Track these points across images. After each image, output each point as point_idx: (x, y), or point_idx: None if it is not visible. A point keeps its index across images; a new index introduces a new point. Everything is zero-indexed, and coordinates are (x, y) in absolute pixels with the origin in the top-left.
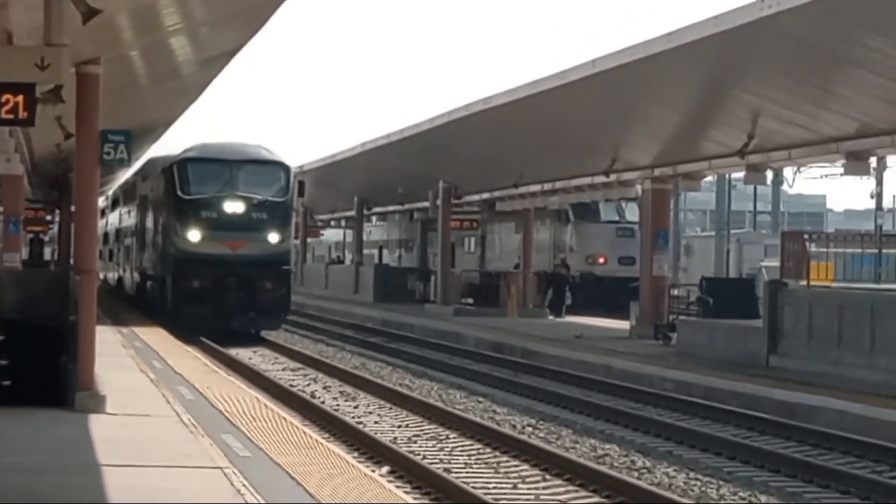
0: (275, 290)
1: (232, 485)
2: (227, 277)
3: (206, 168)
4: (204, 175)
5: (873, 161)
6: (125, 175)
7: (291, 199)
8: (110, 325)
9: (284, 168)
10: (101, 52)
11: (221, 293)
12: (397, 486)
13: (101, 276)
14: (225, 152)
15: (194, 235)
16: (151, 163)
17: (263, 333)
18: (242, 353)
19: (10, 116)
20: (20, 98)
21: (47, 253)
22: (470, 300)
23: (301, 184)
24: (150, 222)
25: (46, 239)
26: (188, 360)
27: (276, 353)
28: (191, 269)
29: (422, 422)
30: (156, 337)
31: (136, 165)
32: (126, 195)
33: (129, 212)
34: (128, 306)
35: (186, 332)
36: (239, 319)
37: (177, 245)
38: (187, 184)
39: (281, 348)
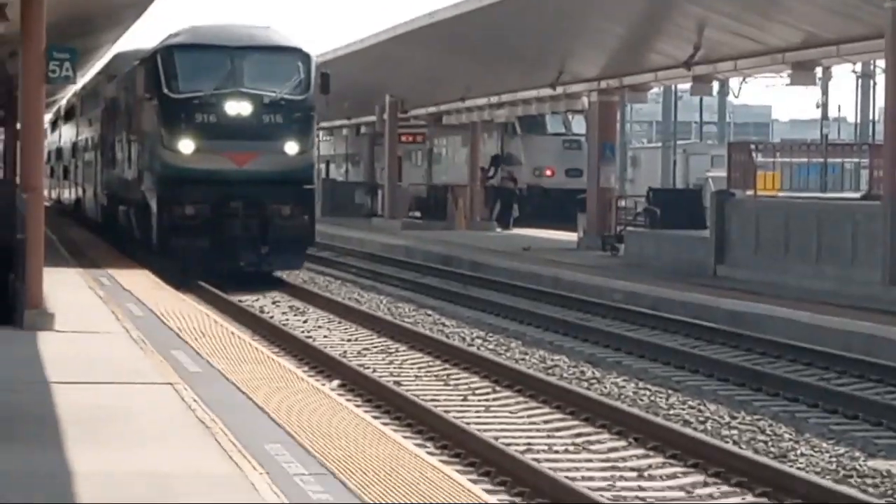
0: (294, 217)
1: (182, 400)
2: (231, 201)
3: (200, 57)
4: (198, 66)
5: (819, 71)
6: (83, 80)
7: (313, 98)
8: (75, 267)
9: (303, 56)
10: None
11: (224, 222)
12: (347, 400)
13: (55, 195)
14: (224, 37)
15: (186, 146)
16: (120, 58)
17: (280, 274)
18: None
19: None
20: None
21: None
22: (417, 214)
23: (325, 77)
24: (122, 131)
25: None
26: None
27: None
28: (183, 191)
29: (371, 335)
30: (142, 283)
31: (97, 66)
32: (85, 102)
33: (89, 121)
34: (93, 237)
35: (178, 274)
36: (248, 256)
37: (163, 159)
38: (175, 78)
39: None
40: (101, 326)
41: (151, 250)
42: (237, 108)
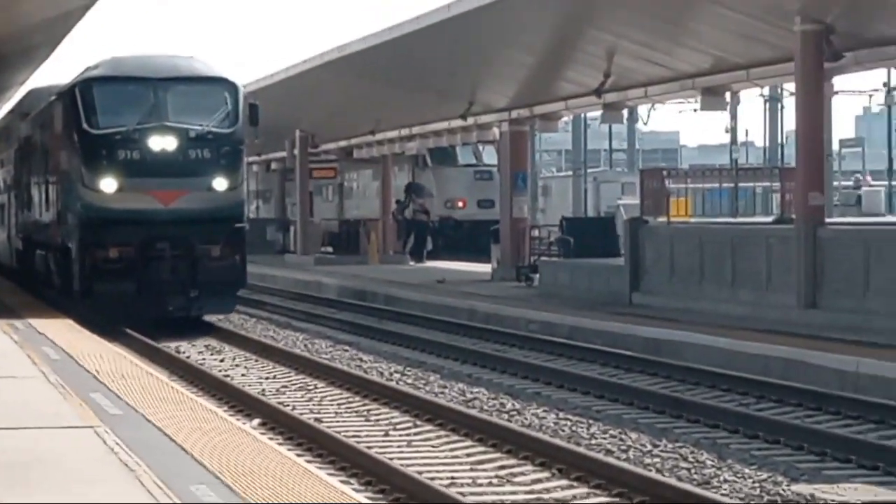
0: (224, 258)
1: (105, 443)
2: (157, 242)
3: (121, 90)
4: (119, 100)
5: (728, 96)
6: None
7: (242, 130)
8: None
9: (230, 86)
10: None
11: (150, 265)
12: (269, 438)
13: None
14: (146, 68)
15: (108, 185)
16: (34, 95)
17: (210, 318)
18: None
19: None
20: None
21: None
22: (330, 249)
23: (253, 108)
24: (38, 171)
25: None
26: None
27: None
28: (106, 233)
29: (289, 373)
30: (71, 337)
31: (7, 105)
32: None
33: (1, 162)
34: (7, 283)
35: (102, 321)
36: (177, 300)
37: (84, 199)
38: (95, 113)
39: None
40: (17, 371)
41: (72, 296)
42: (162, 143)
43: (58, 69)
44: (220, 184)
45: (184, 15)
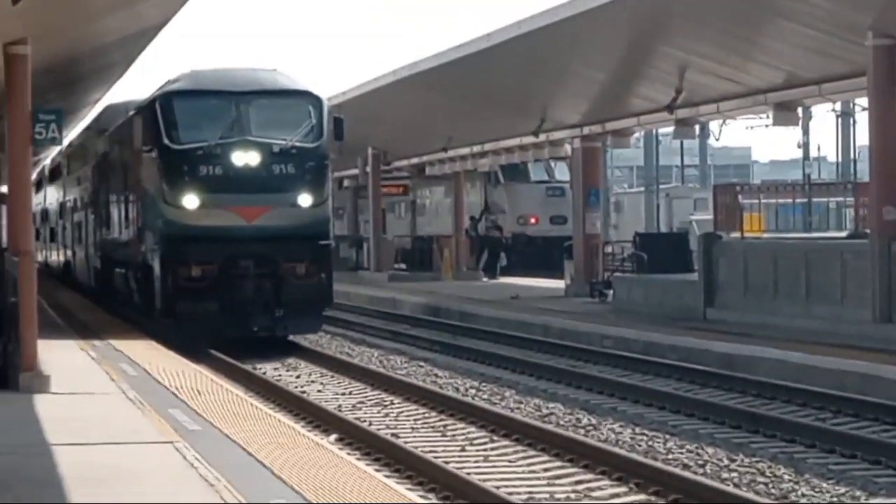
0: (310, 276)
1: (185, 458)
2: (240, 260)
3: (202, 104)
4: (200, 114)
5: (800, 111)
6: (69, 137)
7: (326, 145)
8: (73, 338)
9: (314, 100)
10: (28, 31)
11: (234, 283)
12: (348, 453)
13: (41, 258)
14: (227, 81)
15: (191, 201)
16: (111, 111)
17: (295, 338)
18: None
19: None
20: None
21: None
22: (403, 265)
23: (338, 122)
24: (117, 188)
25: None
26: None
27: None
28: (188, 251)
29: (365, 388)
30: (149, 354)
31: (84, 121)
32: (72, 160)
33: (77, 179)
34: (86, 302)
35: (186, 341)
36: (261, 320)
37: (166, 217)
38: (176, 128)
39: None
40: (96, 388)
41: (153, 316)
42: (244, 158)
43: (133, 85)
44: (304, 200)
45: (257, 30)
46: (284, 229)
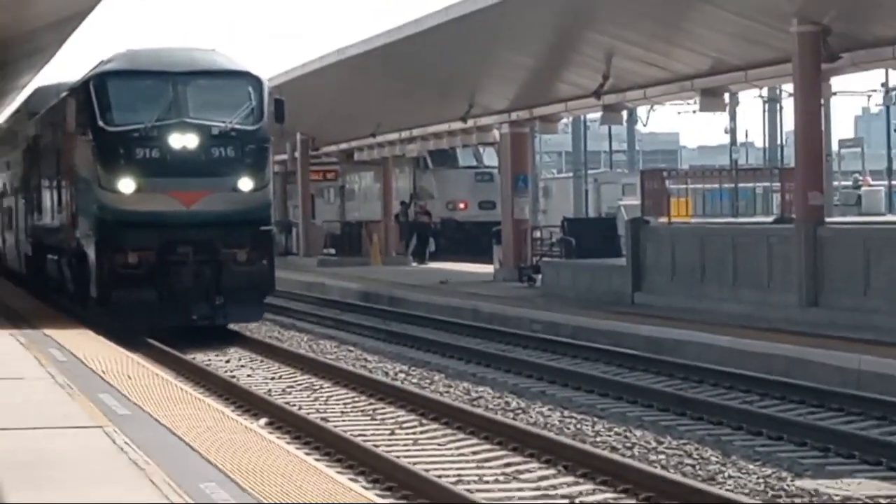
0: (251, 263)
1: (114, 443)
2: (179, 246)
3: (138, 85)
4: (136, 95)
5: (727, 97)
6: None
7: (267, 127)
8: (6, 331)
9: (254, 81)
10: None
11: (172, 270)
12: (277, 437)
13: None
14: (164, 62)
15: (126, 186)
16: (41, 93)
17: (235, 327)
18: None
19: None
20: None
21: None
22: (332, 251)
23: (279, 104)
24: (48, 172)
25: None
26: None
27: None
28: (124, 237)
29: (294, 373)
30: (80, 340)
31: (12, 106)
32: (1, 143)
33: (6, 164)
34: (15, 290)
35: (122, 330)
36: (201, 308)
37: (101, 201)
38: (111, 109)
39: None
40: (25, 372)
41: (88, 304)
42: (182, 140)
43: (64, 69)
44: (245, 184)
45: (177, 13)
46: (224, 214)
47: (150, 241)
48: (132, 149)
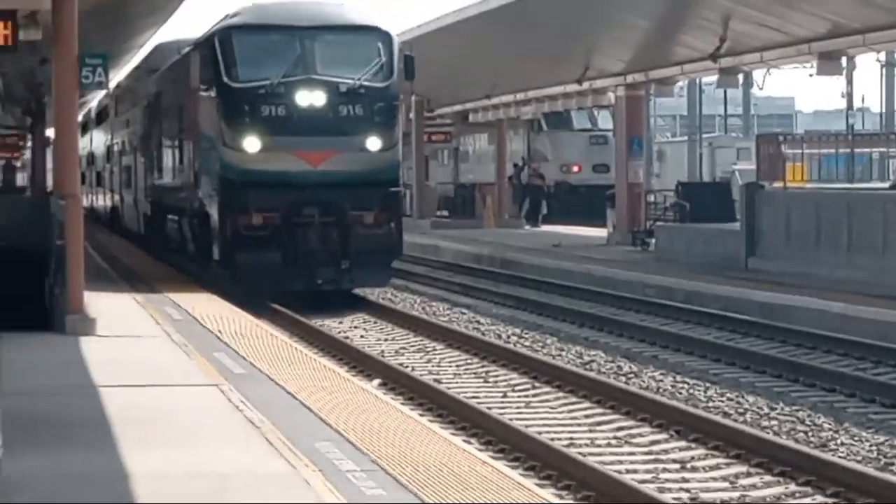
0: (379, 226)
1: (230, 401)
2: (305, 208)
3: (264, 40)
4: (262, 51)
5: (844, 61)
6: (116, 79)
7: (397, 85)
8: (124, 291)
9: (384, 36)
10: None
11: (297, 232)
12: (392, 398)
13: (86, 203)
14: (291, 16)
15: (252, 144)
16: (162, 50)
17: (359, 291)
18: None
19: None
20: (5, 25)
21: (20, 179)
22: (445, 213)
23: (409, 60)
24: (170, 130)
25: (19, 165)
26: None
27: None
28: (249, 197)
29: (407, 334)
30: (213, 308)
31: (131, 63)
32: (120, 102)
33: (126, 122)
34: (134, 250)
35: (246, 294)
36: (326, 272)
37: (225, 160)
38: (236, 65)
39: None
40: (142, 331)
41: (209, 267)
42: (310, 98)
43: (183, 27)
44: (373, 143)
45: None
46: (352, 175)
47: (276, 203)
48: (257, 106)
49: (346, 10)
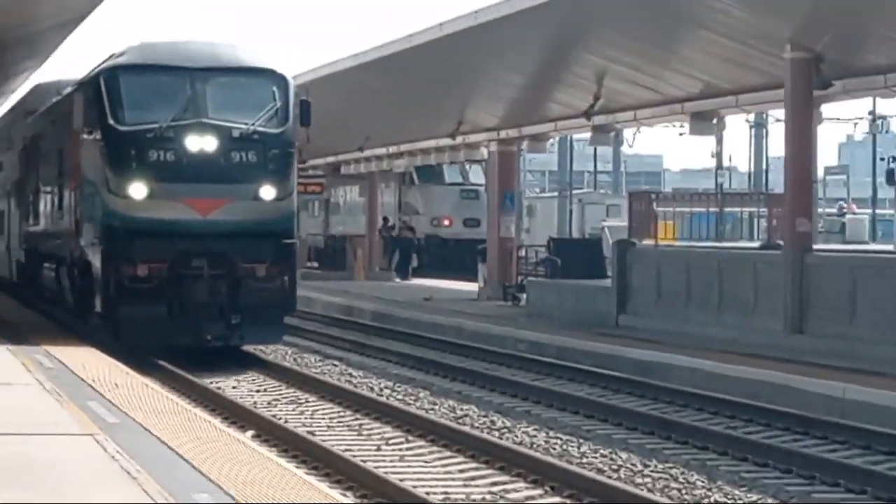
0: (271, 279)
1: (105, 451)
2: (193, 259)
3: (153, 81)
4: (151, 92)
5: (716, 121)
6: None
7: (292, 130)
8: (3, 346)
9: (279, 79)
10: None
11: (185, 285)
12: (267, 450)
13: None
14: (182, 56)
15: (138, 191)
16: (41, 90)
17: (250, 348)
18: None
19: None
20: None
21: None
22: (315, 264)
23: (305, 105)
24: (48, 175)
25: None
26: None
27: None
28: (134, 247)
29: (279, 386)
30: (87, 358)
31: (6, 104)
32: None
33: None
34: (5, 298)
35: (130, 350)
36: (215, 327)
37: (108, 207)
38: (122, 107)
39: None
40: (11, 378)
41: (90, 320)
42: (200, 143)
43: (63, 67)
44: (267, 192)
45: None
46: (244, 225)
47: (163, 253)
48: (145, 150)
49: (239, 52)
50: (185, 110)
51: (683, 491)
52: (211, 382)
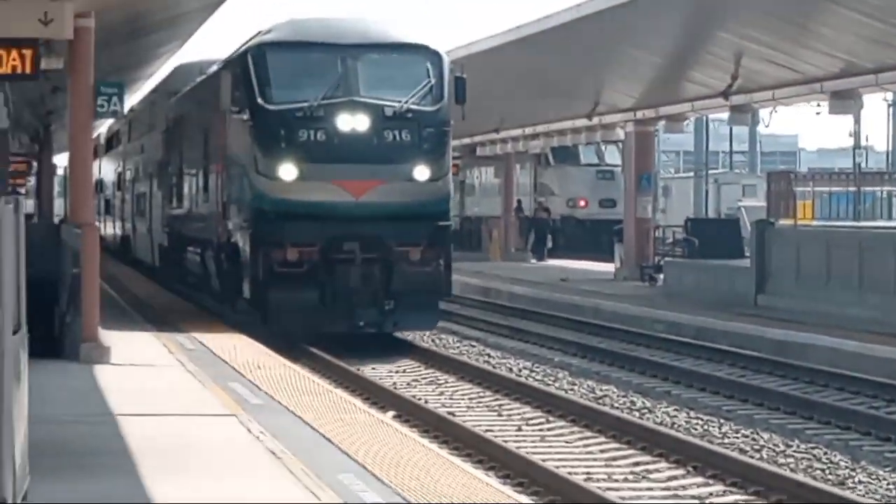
0: (426, 263)
1: (249, 431)
2: (345, 243)
3: (303, 58)
4: (300, 70)
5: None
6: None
7: (447, 108)
8: (136, 322)
9: (434, 56)
10: (93, 5)
11: (337, 270)
12: (409, 430)
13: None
14: (332, 33)
15: (288, 172)
16: (183, 70)
17: (403, 335)
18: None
19: (15, 71)
20: (27, 53)
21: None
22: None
23: (460, 82)
24: (191, 156)
25: (23, 192)
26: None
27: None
28: (284, 230)
29: (418, 366)
30: (239, 347)
31: (147, 86)
32: (134, 127)
33: (140, 147)
34: (146, 282)
35: (277, 335)
36: (367, 313)
37: (257, 189)
38: (271, 85)
39: None
40: (156, 360)
41: (237, 306)
42: (352, 122)
43: (200, 48)
44: (422, 173)
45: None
46: (398, 207)
47: (313, 236)
48: (295, 130)
49: (391, 28)
50: (335, 88)
51: (827, 471)
52: (351, 365)
